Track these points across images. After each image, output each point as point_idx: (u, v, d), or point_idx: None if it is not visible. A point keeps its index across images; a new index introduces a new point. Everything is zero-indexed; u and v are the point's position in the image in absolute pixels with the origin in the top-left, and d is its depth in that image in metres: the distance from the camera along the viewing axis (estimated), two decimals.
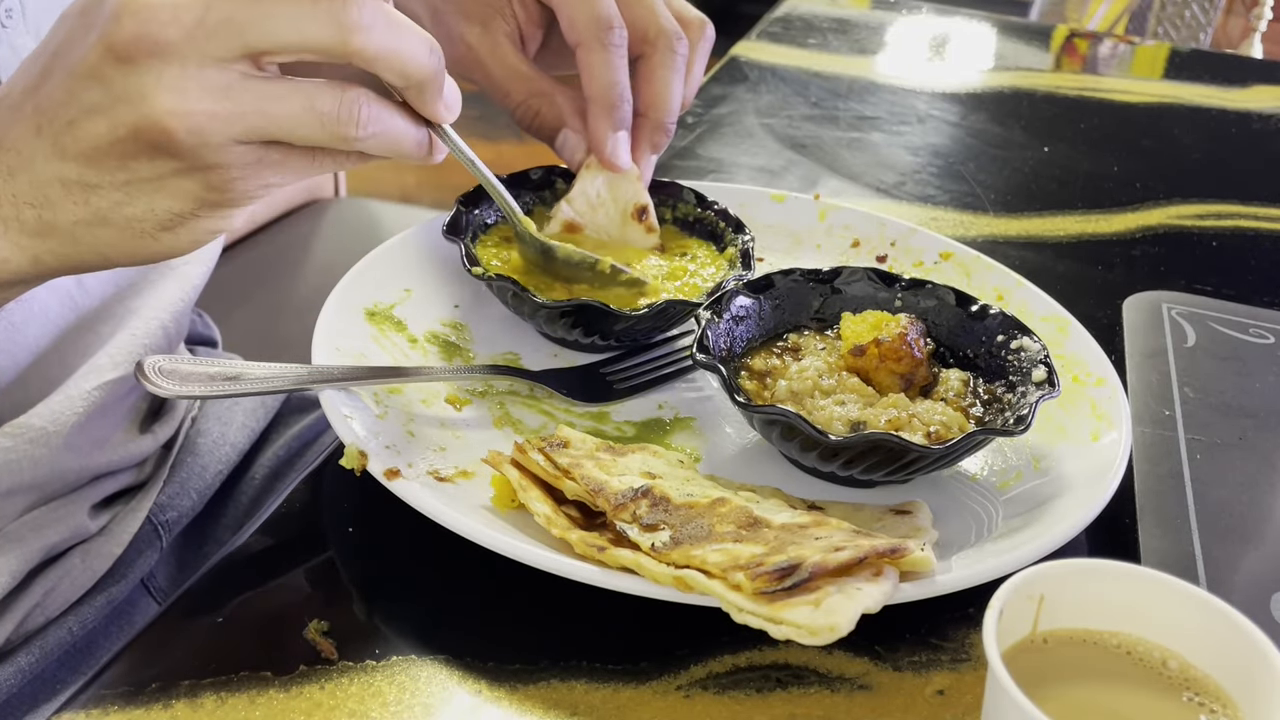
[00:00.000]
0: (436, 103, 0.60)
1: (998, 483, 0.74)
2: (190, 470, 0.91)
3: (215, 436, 0.94)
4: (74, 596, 0.82)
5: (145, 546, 0.87)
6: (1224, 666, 0.50)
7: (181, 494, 0.89)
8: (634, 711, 0.59)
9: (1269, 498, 0.77)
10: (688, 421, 0.78)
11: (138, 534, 0.85)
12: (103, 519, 0.84)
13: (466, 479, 0.69)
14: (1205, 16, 3.24)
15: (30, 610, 0.79)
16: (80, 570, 0.81)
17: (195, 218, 0.58)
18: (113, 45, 0.53)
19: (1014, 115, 1.40)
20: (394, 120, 0.59)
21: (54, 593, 0.80)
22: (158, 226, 0.58)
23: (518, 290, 0.79)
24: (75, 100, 0.55)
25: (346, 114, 0.56)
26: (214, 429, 0.94)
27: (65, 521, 0.80)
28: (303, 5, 0.54)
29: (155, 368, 0.69)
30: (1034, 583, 0.52)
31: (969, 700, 0.60)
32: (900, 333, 0.74)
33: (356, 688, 0.59)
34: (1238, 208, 1.20)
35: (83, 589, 0.82)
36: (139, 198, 0.57)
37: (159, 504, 0.87)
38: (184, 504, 0.89)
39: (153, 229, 0.58)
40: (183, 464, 0.91)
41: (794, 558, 0.58)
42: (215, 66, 0.54)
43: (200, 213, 0.58)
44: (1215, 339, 0.93)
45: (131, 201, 0.57)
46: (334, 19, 0.54)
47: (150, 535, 0.87)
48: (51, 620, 0.81)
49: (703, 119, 1.30)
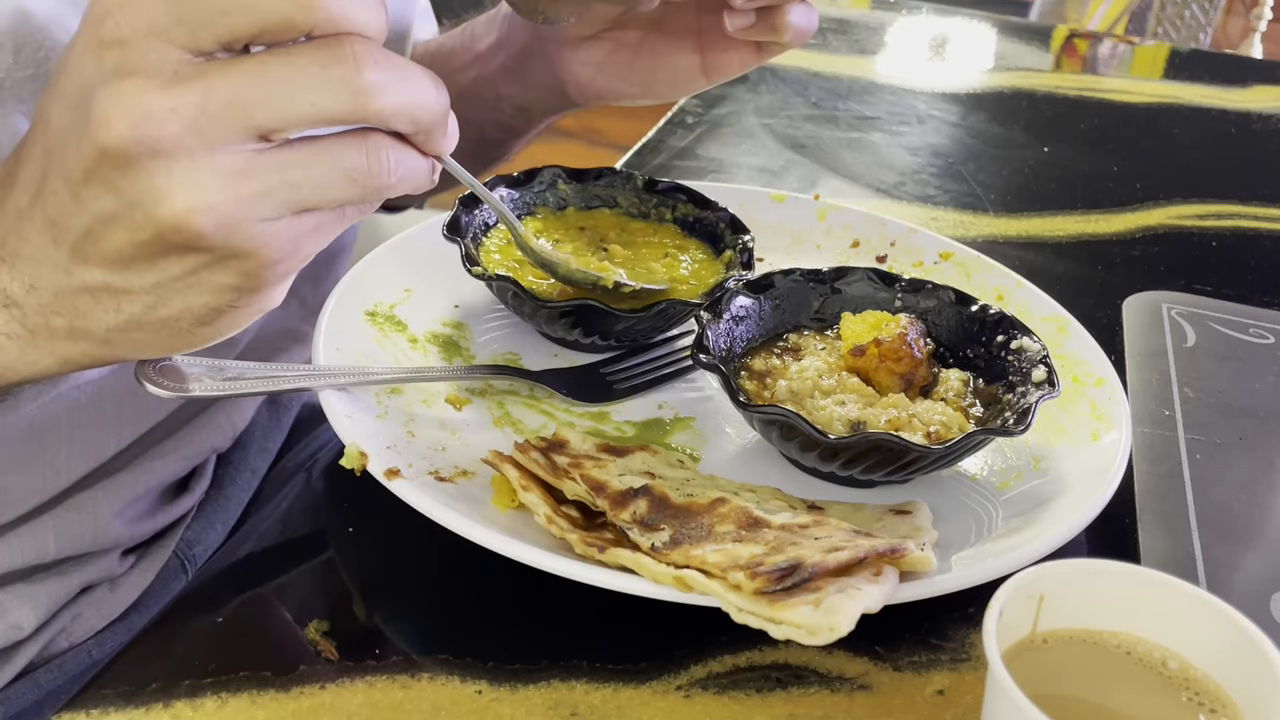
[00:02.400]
0: (443, 139, 0.55)
1: (998, 483, 0.74)
2: (216, 505, 0.92)
3: (236, 463, 0.95)
4: (100, 625, 0.83)
5: (171, 579, 0.88)
6: (1224, 666, 0.50)
7: (208, 529, 0.91)
8: (634, 711, 0.59)
9: (1269, 498, 0.77)
10: (688, 421, 0.78)
11: (164, 567, 0.87)
12: (132, 558, 0.86)
13: (466, 479, 0.69)
14: (1205, 16, 3.24)
15: (55, 635, 0.80)
16: (109, 601, 0.83)
17: (233, 309, 0.54)
18: (106, 150, 0.48)
19: (1014, 115, 1.40)
20: (412, 159, 0.54)
21: (80, 619, 0.82)
22: (196, 322, 0.54)
23: (518, 290, 0.79)
24: (85, 209, 0.50)
25: (376, 165, 0.52)
26: (235, 456, 0.94)
27: (99, 563, 0.82)
28: (311, 75, 0.48)
29: (155, 367, 0.69)
30: (1034, 583, 0.52)
31: (969, 700, 0.60)
32: (900, 333, 0.74)
33: (356, 688, 0.59)
34: (1238, 208, 1.20)
35: (109, 619, 0.84)
36: (173, 298, 0.53)
37: (185, 539, 0.89)
38: (210, 538, 0.91)
39: (190, 325, 0.54)
40: (209, 499, 0.92)
41: (794, 558, 0.58)
42: (227, 152, 0.48)
43: (239, 302, 0.54)
44: (1215, 339, 0.93)
45: (165, 303, 0.53)
46: (348, 86, 0.49)
47: (176, 569, 0.89)
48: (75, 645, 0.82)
49: (703, 119, 1.30)
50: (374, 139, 0.52)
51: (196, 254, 0.51)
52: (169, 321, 0.54)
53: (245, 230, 0.50)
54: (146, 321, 0.54)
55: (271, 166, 0.49)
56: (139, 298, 0.53)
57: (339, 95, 0.49)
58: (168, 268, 0.51)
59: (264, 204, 0.50)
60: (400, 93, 0.50)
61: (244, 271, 0.52)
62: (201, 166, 0.48)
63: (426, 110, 0.53)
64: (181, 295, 0.52)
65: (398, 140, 0.53)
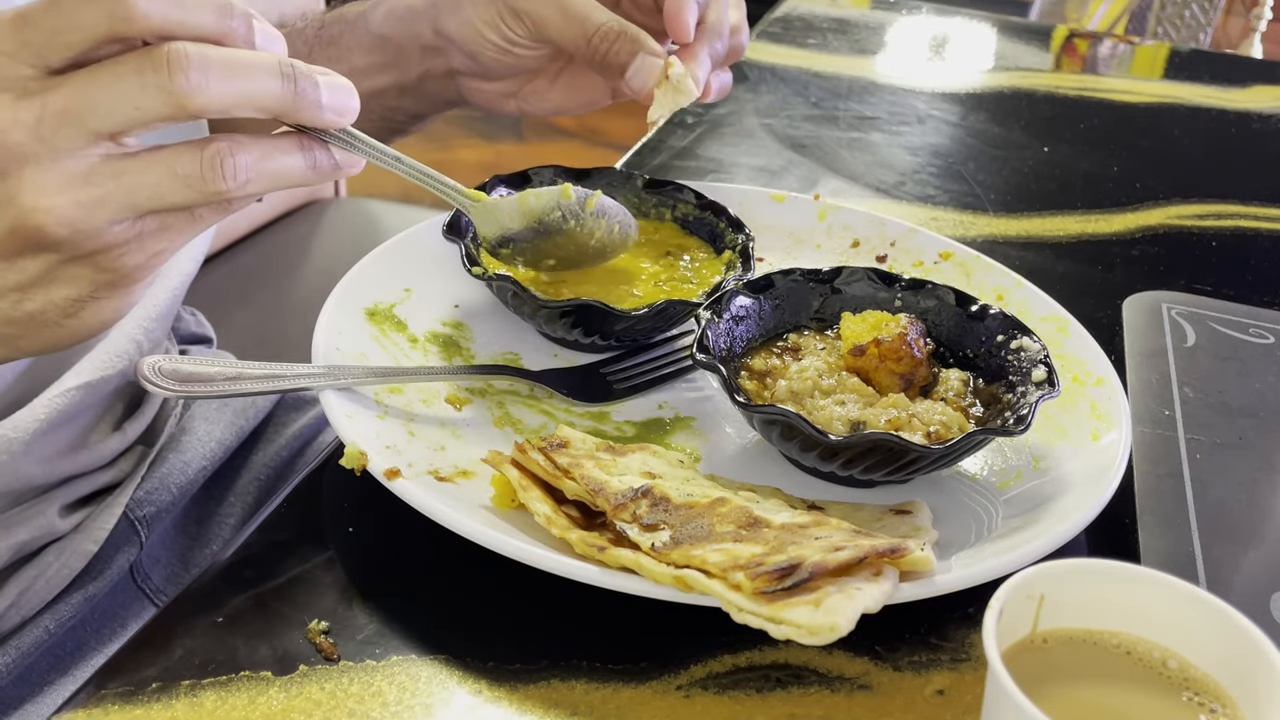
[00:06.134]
0: (316, 114, 0.59)
1: (998, 483, 0.74)
2: (172, 466, 0.90)
3: (201, 434, 0.93)
4: (50, 595, 0.82)
5: (124, 543, 0.87)
6: (1224, 666, 0.50)
7: (160, 489, 0.89)
8: (634, 711, 0.59)
9: (1269, 498, 0.77)
10: (688, 421, 0.78)
11: (115, 530, 0.85)
12: (76, 518, 0.84)
13: (466, 479, 0.69)
14: (1205, 16, 3.24)
15: (5, 610, 0.79)
16: (56, 568, 0.81)
17: (95, 300, 0.59)
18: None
19: (1014, 115, 1.40)
20: (270, 159, 0.58)
21: (29, 592, 0.80)
22: (61, 314, 0.59)
23: (518, 290, 0.79)
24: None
25: (210, 171, 0.56)
26: (200, 427, 0.94)
27: (34, 521, 0.80)
28: (128, 84, 0.53)
29: (155, 368, 0.69)
30: (1034, 583, 0.52)
31: (969, 700, 0.60)
32: (900, 333, 0.74)
33: (356, 688, 0.59)
34: (1238, 208, 1.20)
35: (59, 587, 0.82)
36: (35, 293, 0.58)
37: (136, 499, 0.87)
38: (163, 499, 0.89)
39: (56, 318, 0.59)
40: (164, 460, 0.90)
41: (794, 558, 0.58)
42: (71, 157, 0.54)
43: (99, 294, 0.59)
44: (1215, 339, 0.93)
45: (29, 298, 0.58)
46: (162, 89, 0.54)
47: (128, 531, 0.87)
48: (27, 620, 0.81)
49: (703, 119, 1.30)
50: (213, 144, 0.56)
51: (48, 253, 0.56)
52: (35, 315, 0.59)
53: (88, 230, 0.55)
54: (15, 317, 0.59)
55: (110, 173, 0.55)
56: (4, 294, 0.58)
57: (155, 98, 0.54)
58: (25, 266, 0.57)
59: (105, 207, 0.55)
60: (223, 89, 0.55)
61: (97, 266, 0.57)
62: (46, 171, 0.54)
63: (266, 95, 0.57)
64: (42, 289, 0.58)
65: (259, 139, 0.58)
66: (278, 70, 0.57)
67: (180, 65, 0.53)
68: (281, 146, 0.59)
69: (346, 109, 0.60)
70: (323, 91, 0.59)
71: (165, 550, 0.93)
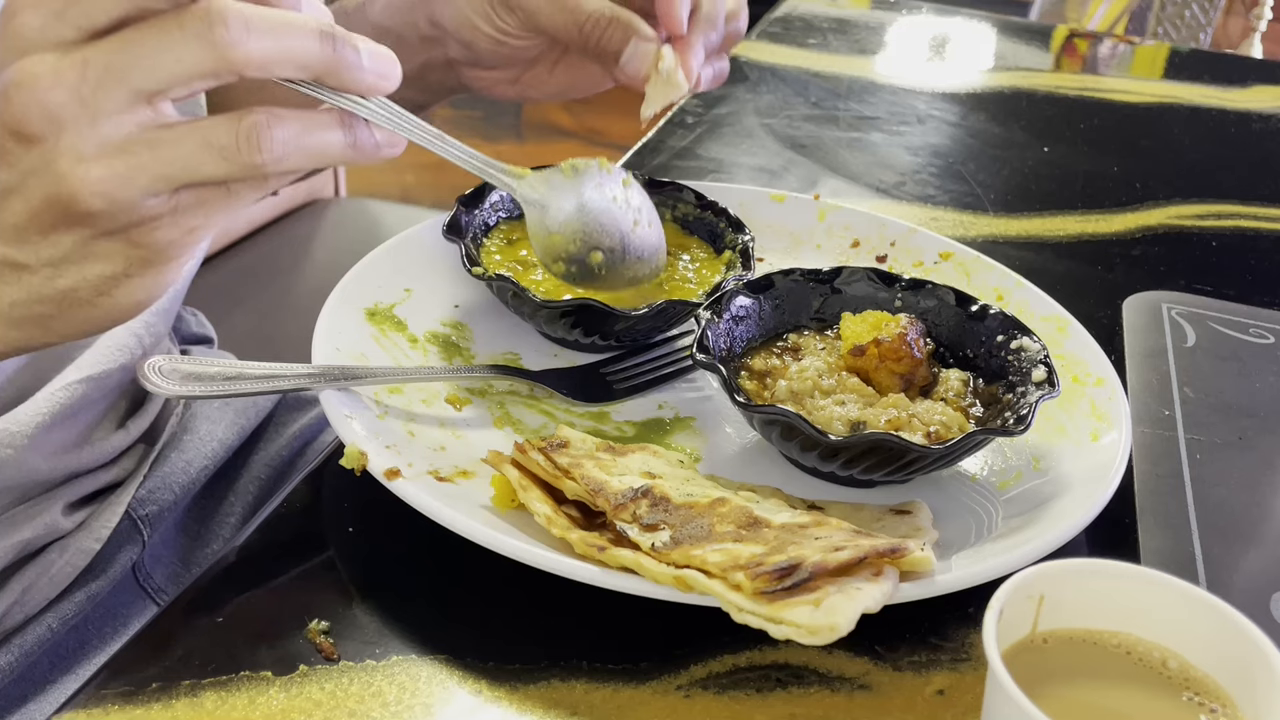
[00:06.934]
0: (358, 75, 0.57)
1: (998, 483, 0.74)
2: (174, 465, 0.90)
3: (203, 433, 0.93)
4: (53, 593, 0.82)
5: (126, 541, 0.87)
6: (1224, 666, 0.50)
7: (163, 488, 0.89)
8: (634, 711, 0.59)
9: (1269, 498, 0.77)
10: (688, 421, 0.78)
11: (118, 529, 0.85)
12: (79, 516, 0.84)
13: (466, 479, 0.69)
14: (1205, 16, 3.24)
15: (9, 608, 0.79)
16: (59, 566, 0.81)
17: (129, 278, 0.57)
18: (8, 124, 0.53)
19: (1014, 115, 1.40)
20: (310, 133, 0.56)
21: (32, 589, 0.80)
22: (94, 292, 0.57)
23: (518, 290, 0.79)
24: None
25: (245, 143, 0.54)
26: (202, 426, 0.94)
27: (38, 519, 0.80)
28: (171, 35, 0.52)
29: (155, 368, 0.69)
30: (1034, 583, 0.52)
31: (969, 700, 0.60)
32: (900, 333, 0.74)
33: (356, 688, 0.59)
34: (1238, 208, 1.20)
35: (61, 585, 0.82)
36: (68, 269, 0.57)
37: (139, 498, 0.87)
38: (165, 498, 0.89)
39: (90, 295, 0.58)
40: (166, 459, 0.90)
41: (794, 558, 0.58)
42: (110, 121, 0.53)
43: (133, 271, 0.57)
44: (1215, 339, 0.93)
45: (62, 274, 0.57)
46: (205, 41, 0.52)
47: (130, 530, 0.87)
48: (30, 618, 0.81)
49: (703, 119, 1.30)
50: (250, 118, 0.55)
51: (83, 225, 0.55)
52: (68, 293, 0.57)
53: (123, 202, 0.54)
54: (48, 294, 0.57)
55: (145, 143, 0.53)
56: (37, 270, 0.57)
57: (197, 51, 0.52)
58: (60, 240, 0.56)
59: (140, 178, 0.54)
60: (266, 44, 0.53)
61: (132, 241, 0.56)
62: (84, 137, 0.52)
63: (307, 54, 0.55)
64: (76, 265, 0.56)
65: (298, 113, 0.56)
66: (318, 30, 0.56)
67: (222, 18, 0.52)
68: (322, 122, 0.57)
69: (389, 74, 0.59)
70: (364, 56, 0.57)
71: (167, 549, 0.93)
